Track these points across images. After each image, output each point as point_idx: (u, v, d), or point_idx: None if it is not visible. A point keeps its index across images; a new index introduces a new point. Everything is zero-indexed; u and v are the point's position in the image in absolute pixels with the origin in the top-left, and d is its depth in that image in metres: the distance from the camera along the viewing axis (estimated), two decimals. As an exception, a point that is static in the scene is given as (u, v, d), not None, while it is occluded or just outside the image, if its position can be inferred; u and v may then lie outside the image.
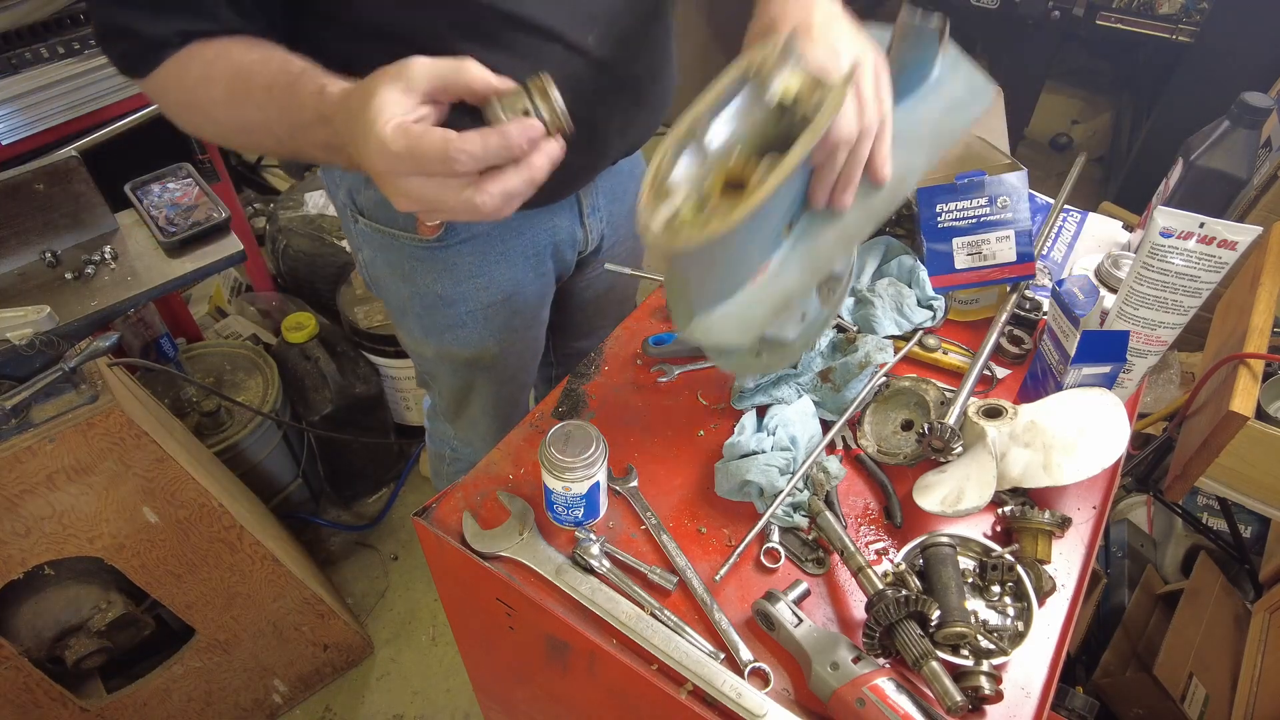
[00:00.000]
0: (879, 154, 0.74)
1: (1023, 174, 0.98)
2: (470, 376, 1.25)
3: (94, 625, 1.34)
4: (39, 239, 1.26)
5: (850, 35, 0.75)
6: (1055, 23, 2.56)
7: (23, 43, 1.51)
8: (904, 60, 0.78)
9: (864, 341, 0.95)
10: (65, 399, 1.11)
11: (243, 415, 1.80)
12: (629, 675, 0.72)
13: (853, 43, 0.74)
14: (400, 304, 1.16)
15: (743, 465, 0.82)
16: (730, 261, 0.72)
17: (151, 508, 1.26)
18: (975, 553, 0.79)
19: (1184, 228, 0.84)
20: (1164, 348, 0.93)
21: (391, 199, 0.63)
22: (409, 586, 2.03)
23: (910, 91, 0.80)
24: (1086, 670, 1.53)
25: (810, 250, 0.75)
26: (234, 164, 2.70)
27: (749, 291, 0.74)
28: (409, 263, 1.08)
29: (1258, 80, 2.07)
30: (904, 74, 0.78)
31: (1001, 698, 0.69)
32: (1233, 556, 1.54)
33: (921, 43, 0.77)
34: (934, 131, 0.78)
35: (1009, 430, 0.84)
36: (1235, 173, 1.14)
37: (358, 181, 1.03)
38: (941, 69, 0.80)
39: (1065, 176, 1.20)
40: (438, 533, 0.82)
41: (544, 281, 1.18)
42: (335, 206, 1.14)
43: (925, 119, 0.78)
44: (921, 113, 0.79)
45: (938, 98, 0.80)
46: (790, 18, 0.75)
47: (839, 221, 0.74)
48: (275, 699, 1.74)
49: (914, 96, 0.80)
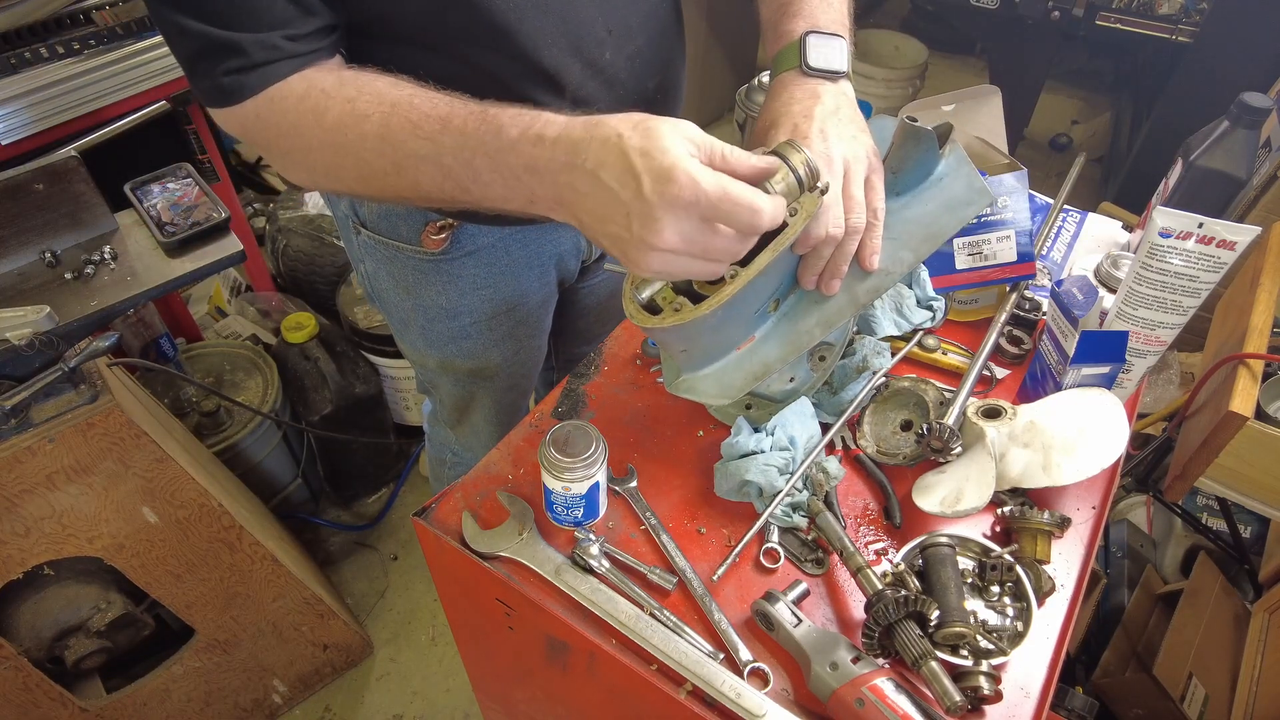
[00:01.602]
0: (868, 246, 0.78)
1: (1023, 174, 0.98)
2: (472, 386, 1.25)
3: (93, 625, 1.34)
4: (39, 239, 1.26)
5: (849, 133, 0.77)
6: (1055, 23, 2.56)
7: (23, 43, 1.51)
8: (905, 159, 0.81)
9: (862, 344, 0.95)
10: (65, 399, 1.11)
11: (242, 415, 1.80)
12: (628, 675, 0.72)
13: (850, 143, 0.77)
14: (403, 316, 1.15)
15: (742, 465, 0.82)
16: (710, 337, 0.77)
17: (151, 508, 1.26)
18: (974, 553, 0.79)
19: (1183, 228, 0.84)
20: (1163, 348, 0.93)
21: (651, 236, 0.59)
22: (409, 586, 2.03)
23: (910, 189, 0.84)
24: (1086, 670, 1.53)
25: (792, 329, 0.81)
26: (234, 164, 2.70)
27: (732, 359, 0.80)
28: (412, 275, 1.08)
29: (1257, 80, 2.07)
30: (904, 172, 0.82)
31: (1001, 698, 0.69)
32: (1232, 557, 1.54)
33: (921, 145, 0.80)
34: (926, 229, 0.82)
35: (1008, 430, 0.84)
36: (1234, 173, 1.14)
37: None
38: (945, 167, 0.84)
39: (1065, 176, 1.20)
40: (437, 533, 0.82)
41: (547, 290, 1.18)
42: (336, 218, 1.13)
43: (919, 217, 0.83)
44: (916, 210, 0.83)
45: (935, 196, 0.84)
46: (793, 116, 0.78)
47: (822, 306, 0.80)
48: (275, 699, 1.74)
49: (912, 194, 0.84)
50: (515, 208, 0.68)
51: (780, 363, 0.79)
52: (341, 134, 0.70)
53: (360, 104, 0.70)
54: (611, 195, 0.59)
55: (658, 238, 0.59)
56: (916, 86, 3.28)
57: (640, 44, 0.94)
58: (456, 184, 0.69)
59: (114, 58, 1.59)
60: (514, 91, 0.85)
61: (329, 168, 0.75)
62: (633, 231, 0.60)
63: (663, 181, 0.57)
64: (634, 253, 0.61)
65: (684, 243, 0.60)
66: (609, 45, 0.90)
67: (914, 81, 3.26)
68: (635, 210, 0.59)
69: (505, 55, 0.83)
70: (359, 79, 0.72)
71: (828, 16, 0.84)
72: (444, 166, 0.68)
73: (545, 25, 0.83)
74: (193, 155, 1.84)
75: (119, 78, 1.61)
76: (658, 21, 0.96)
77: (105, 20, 1.58)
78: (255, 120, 0.74)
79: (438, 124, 0.67)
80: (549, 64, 0.85)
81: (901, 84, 3.23)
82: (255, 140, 0.76)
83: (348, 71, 0.74)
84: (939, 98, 1.12)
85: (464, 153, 0.66)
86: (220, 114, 0.74)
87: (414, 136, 0.68)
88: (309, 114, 0.71)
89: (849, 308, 0.80)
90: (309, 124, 0.71)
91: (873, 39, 3.46)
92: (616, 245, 0.63)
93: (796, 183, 0.67)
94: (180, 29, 0.70)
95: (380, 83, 0.71)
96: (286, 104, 0.72)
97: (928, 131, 0.79)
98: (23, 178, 1.20)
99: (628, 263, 0.63)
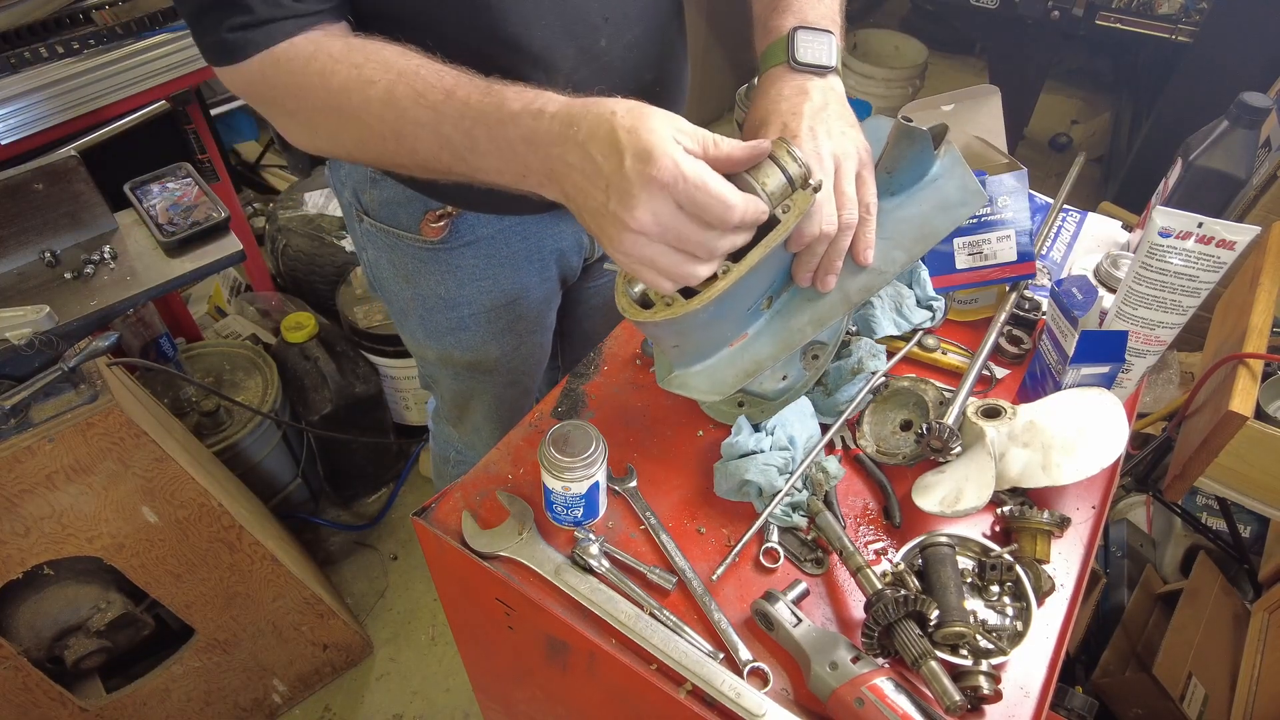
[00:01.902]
0: (862, 240, 0.78)
1: (1022, 174, 0.98)
2: (471, 381, 1.25)
3: (93, 625, 1.34)
4: (38, 239, 1.26)
5: (838, 129, 0.78)
6: (1055, 23, 2.56)
7: (23, 42, 1.51)
8: (899, 159, 0.82)
9: (857, 346, 0.95)
10: (64, 399, 1.11)
11: (242, 415, 1.80)
12: (628, 675, 0.72)
13: (839, 139, 0.77)
14: (402, 306, 1.15)
15: (741, 465, 0.82)
16: (701, 334, 0.77)
17: (151, 507, 1.26)
18: (974, 552, 0.79)
19: (1182, 227, 0.84)
20: (1163, 348, 0.93)
21: (625, 213, 0.60)
22: (408, 586, 2.03)
23: (904, 189, 0.84)
24: (1086, 670, 1.53)
25: (784, 327, 0.81)
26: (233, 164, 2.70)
27: (724, 355, 0.81)
28: (412, 264, 1.08)
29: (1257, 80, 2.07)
30: (898, 172, 0.83)
31: (1000, 697, 0.70)
32: (1232, 556, 1.54)
33: (915, 145, 0.80)
34: (919, 229, 0.83)
35: (1008, 430, 0.84)
36: (1234, 173, 1.14)
37: (363, 180, 1.03)
38: (940, 168, 0.84)
39: (1065, 176, 1.20)
40: (437, 532, 0.82)
41: (549, 287, 1.18)
42: (340, 206, 1.14)
43: (913, 216, 0.83)
44: (910, 210, 0.84)
45: (929, 197, 0.84)
46: (781, 114, 0.78)
47: (815, 304, 0.80)
48: (275, 699, 1.74)
49: (906, 194, 0.85)
50: (508, 181, 0.69)
51: (772, 360, 0.80)
52: (346, 97, 0.71)
53: (367, 70, 0.71)
54: (595, 167, 0.61)
55: (630, 215, 0.60)
56: (916, 86, 3.28)
57: (638, 33, 0.94)
58: (453, 153, 0.70)
59: (114, 57, 1.59)
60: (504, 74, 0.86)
61: (331, 130, 0.76)
62: (609, 207, 0.61)
63: (643, 159, 0.58)
64: (609, 229, 0.62)
65: (657, 225, 0.60)
66: (604, 32, 0.90)
67: (914, 81, 3.26)
68: (614, 184, 0.60)
69: (495, 36, 0.83)
70: (367, 46, 0.73)
71: (817, 12, 0.84)
72: (442, 135, 0.69)
73: (539, 7, 0.84)
74: (192, 155, 1.84)
75: (118, 77, 1.61)
76: (657, 13, 0.96)
77: (105, 20, 1.58)
78: (260, 79, 0.74)
79: (441, 94, 0.68)
80: (539, 46, 0.85)
81: (901, 84, 3.23)
82: (258, 99, 0.77)
83: (355, 39, 0.74)
84: (938, 97, 1.12)
85: (464, 122, 0.68)
86: (224, 71, 0.75)
87: (417, 104, 0.69)
88: (315, 76, 0.72)
89: (841, 306, 0.80)
90: (315, 85, 0.72)
91: (872, 39, 3.46)
92: (595, 220, 0.64)
93: (788, 181, 0.68)
94: None
95: (388, 51, 0.72)
96: (293, 65, 0.73)
97: (922, 132, 0.79)
98: (22, 177, 1.20)
99: (603, 240, 0.64)
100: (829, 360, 0.93)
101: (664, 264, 0.64)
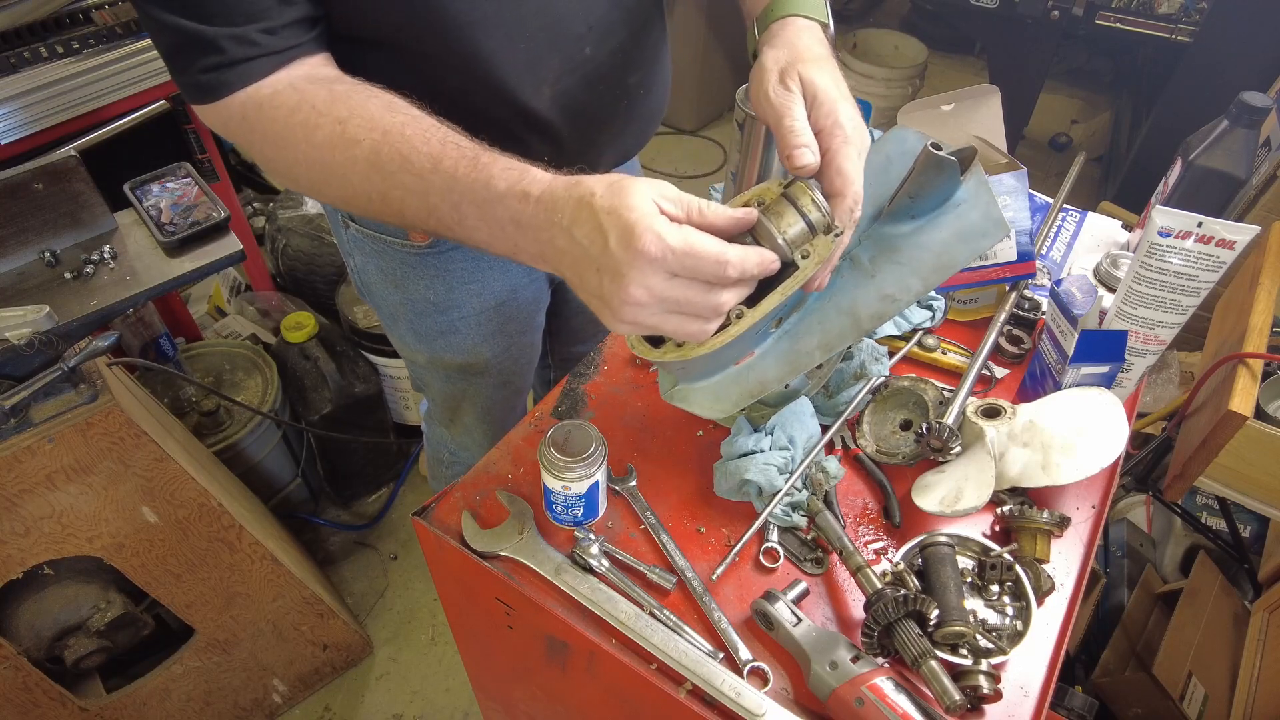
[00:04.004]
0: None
1: (1022, 173, 0.98)
2: (463, 383, 1.25)
3: (93, 625, 1.34)
4: (38, 238, 1.26)
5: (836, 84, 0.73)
6: (1055, 23, 2.57)
7: (22, 42, 1.51)
8: (924, 185, 0.78)
9: (860, 350, 0.95)
10: (64, 398, 1.11)
11: (242, 415, 1.80)
12: (628, 675, 0.72)
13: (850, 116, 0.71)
14: (392, 310, 1.15)
15: (741, 464, 0.82)
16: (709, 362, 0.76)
17: (151, 507, 1.26)
18: (974, 552, 0.79)
19: (1182, 227, 0.84)
20: (1162, 347, 0.93)
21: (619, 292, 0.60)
22: (408, 586, 2.03)
23: (925, 214, 0.81)
24: (1085, 669, 1.53)
25: (792, 349, 0.79)
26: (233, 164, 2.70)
27: (729, 374, 0.79)
28: (400, 269, 1.07)
29: (1257, 80, 2.07)
30: (921, 199, 0.79)
31: (1000, 697, 0.70)
32: (1232, 556, 1.54)
33: (943, 175, 0.77)
34: (938, 258, 0.79)
35: (1007, 430, 0.84)
36: (1234, 172, 1.14)
37: None
38: (964, 192, 0.80)
39: (1065, 176, 1.20)
40: (437, 532, 0.82)
41: (538, 287, 1.18)
42: (325, 212, 1.14)
43: (931, 244, 0.79)
44: (929, 237, 0.80)
45: (951, 223, 0.80)
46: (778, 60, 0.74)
47: (825, 329, 0.78)
48: (275, 698, 1.74)
49: (927, 218, 0.81)
50: (500, 254, 0.69)
51: (778, 382, 0.78)
52: (330, 154, 0.70)
53: (351, 127, 0.69)
54: (584, 252, 0.60)
55: (625, 293, 0.59)
56: (916, 86, 3.28)
57: (622, 38, 0.93)
58: (441, 222, 0.69)
59: (113, 57, 1.59)
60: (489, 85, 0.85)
61: (314, 182, 0.74)
62: (604, 288, 0.61)
63: (626, 239, 0.57)
64: (606, 309, 0.62)
65: (652, 298, 0.60)
66: (589, 40, 0.90)
67: (913, 81, 3.26)
68: (604, 266, 0.60)
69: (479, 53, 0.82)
70: (351, 99, 0.71)
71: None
72: (430, 204, 0.68)
73: (522, 21, 0.83)
74: (192, 155, 1.84)
75: (118, 77, 1.61)
76: (639, 16, 0.95)
77: (104, 20, 1.58)
78: (241, 122, 0.73)
79: (428, 162, 0.67)
80: (524, 59, 0.85)
81: (901, 83, 3.23)
82: (238, 139, 0.76)
83: (340, 86, 0.72)
84: (938, 97, 1.12)
85: (452, 195, 0.67)
86: (202, 110, 0.74)
87: (403, 170, 0.68)
88: (298, 128, 0.70)
89: (852, 332, 0.78)
90: (298, 138, 0.71)
91: (872, 38, 3.46)
92: (592, 301, 0.63)
93: (808, 228, 0.66)
94: (158, 23, 0.69)
95: (373, 105, 0.70)
96: (276, 114, 0.71)
97: (952, 162, 0.75)
98: (22, 177, 1.20)
99: (603, 319, 0.64)
100: (833, 369, 0.93)
101: (670, 328, 0.63)
